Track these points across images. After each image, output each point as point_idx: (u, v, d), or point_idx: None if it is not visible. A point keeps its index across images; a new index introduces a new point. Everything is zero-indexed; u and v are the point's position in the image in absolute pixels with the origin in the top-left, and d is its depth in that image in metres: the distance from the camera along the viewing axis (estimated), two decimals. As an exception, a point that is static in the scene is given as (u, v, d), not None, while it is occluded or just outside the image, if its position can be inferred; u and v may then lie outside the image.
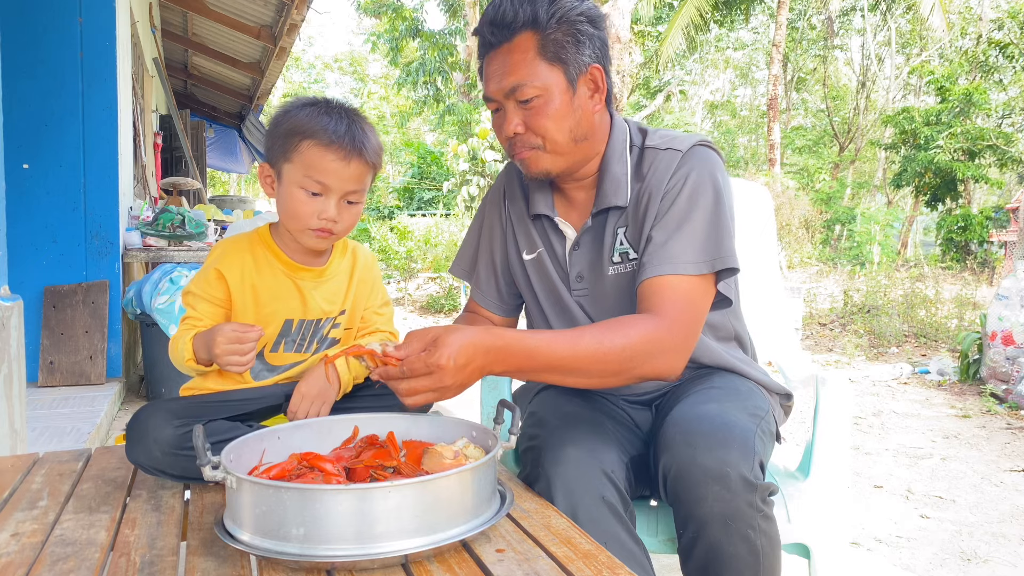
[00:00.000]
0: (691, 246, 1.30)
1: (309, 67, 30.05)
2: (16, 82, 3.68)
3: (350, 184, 1.31)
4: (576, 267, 1.44)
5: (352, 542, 0.89)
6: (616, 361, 1.22)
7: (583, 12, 1.32)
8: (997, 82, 16.44)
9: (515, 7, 1.29)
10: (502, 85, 1.32)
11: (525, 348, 1.17)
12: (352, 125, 1.31)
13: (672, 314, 1.27)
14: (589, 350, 1.20)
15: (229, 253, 1.39)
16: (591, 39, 1.32)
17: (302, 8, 6.13)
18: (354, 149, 1.30)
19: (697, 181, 1.34)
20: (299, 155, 1.29)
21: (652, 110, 21.09)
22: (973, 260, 14.51)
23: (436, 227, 12.91)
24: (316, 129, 1.28)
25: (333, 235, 1.35)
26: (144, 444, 1.21)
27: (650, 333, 1.24)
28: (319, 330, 1.43)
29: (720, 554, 1.17)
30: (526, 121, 1.33)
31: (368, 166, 1.33)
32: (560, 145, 1.34)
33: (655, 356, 1.24)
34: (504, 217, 1.55)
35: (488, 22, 1.32)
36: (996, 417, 4.39)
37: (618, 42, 11.81)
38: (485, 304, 1.58)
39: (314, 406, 1.34)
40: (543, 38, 1.29)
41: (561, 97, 1.31)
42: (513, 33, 1.30)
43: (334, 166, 1.29)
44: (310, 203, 1.30)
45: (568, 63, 1.31)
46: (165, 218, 4.46)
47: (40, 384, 3.85)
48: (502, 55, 1.32)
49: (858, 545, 2.55)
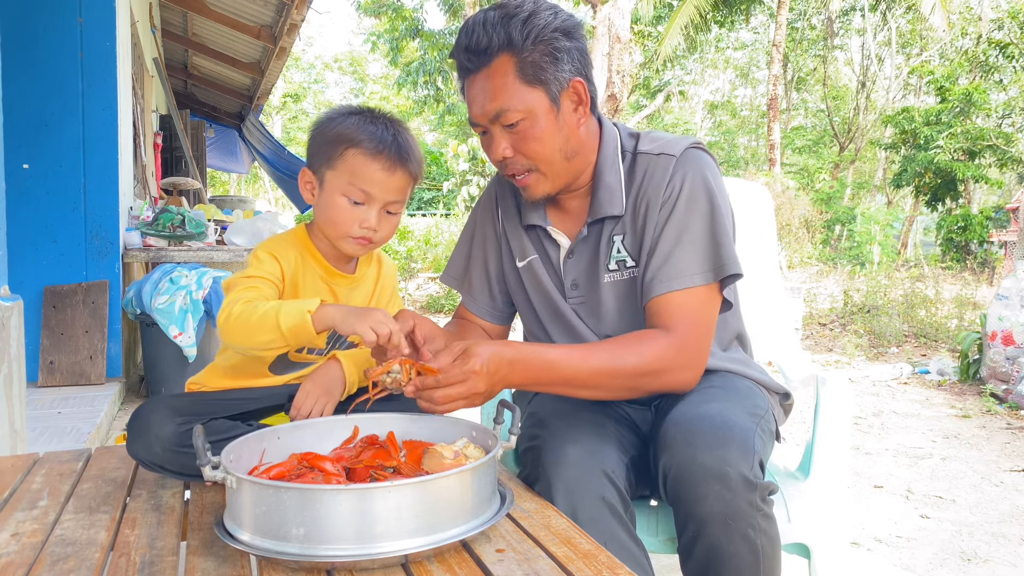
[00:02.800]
0: (694, 257, 1.32)
1: (309, 67, 30.03)
2: (16, 82, 3.68)
3: (393, 194, 1.32)
4: (571, 275, 1.45)
5: (352, 542, 0.89)
6: (630, 377, 1.27)
7: (558, 27, 1.30)
8: (997, 82, 16.43)
9: (488, 32, 1.27)
10: (485, 111, 1.31)
11: (544, 361, 1.23)
12: (398, 135, 1.31)
13: (683, 330, 1.31)
14: (603, 366, 1.26)
15: (285, 245, 1.38)
16: (568, 53, 1.31)
17: (302, 8, 6.13)
18: (399, 159, 1.30)
19: (693, 187, 1.35)
20: (344, 163, 1.29)
21: (652, 110, 21.09)
22: (973, 260, 14.50)
23: (436, 227, 12.92)
24: (362, 138, 1.29)
25: (372, 244, 1.35)
26: (145, 440, 1.22)
27: (662, 351, 1.29)
28: (343, 336, 1.43)
29: (720, 553, 1.17)
30: (514, 145, 1.33)
31: (411, 176, 1.33)
32: (553, 165, 1.35)
33: (668, 373, 1.30)
34: (497, 225, 1.55)
35: (463, 48, 1.31)
36: (996, 417, 4.39)
37: (618, 42, 11.80)
38: (478, 312, 1.58)
39: (319, 403, 1.33)
40: (520, 61, 1.28)
41: (546, 117, 1.31)
42: (489, 58, 1.29)
43: (379, 176, 1.29)
44: (352, 211, 1.31)
45: (548, 82, 1.30)
46: (165, 218, 4.46)
47: (40, 384, 3.85)
48: (481, 80, 1.31)
49: (858, 545, 2.55)
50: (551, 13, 1.30)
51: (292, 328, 1.18)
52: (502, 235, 1.54)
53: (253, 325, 1.20)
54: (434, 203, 18.80)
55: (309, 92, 29.33)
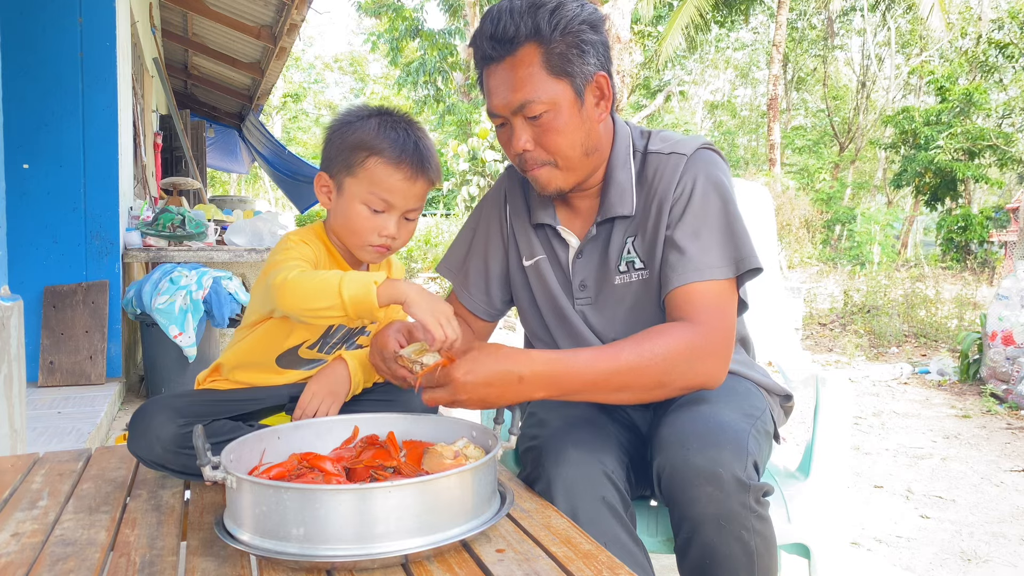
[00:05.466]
0: (712, 251, 1.29)
1: (309, 67, 30.02)
2: (16, 82, 3.68)
3: (413, 202, 1.31)
4: (579, 275, 1.42)
5: (352, 542, 0.89)
6: (657, 371, 1.21)
7: (585, 19, 1.28)
8: (997, 82, 16.44)
9: (516, 21, 1.25)
10: (509, 101, 1.28)
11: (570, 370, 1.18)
12: (419, 141, 1.30)
13: (706, 319, 1.26)
14: (630, 363, 1.19)
15: (308, 236, 1.35)
16: (594, 46, 1.29)
17: (302, 8, 6.13)
18: (421, 168, 1.29)
19: (705, 185, 1.33)
20: (365, 171, 1.28)
21: (652, 110, 21.08)
22: (973, 260, 14.50)
23: (436, 227, 12.93)
24: (384, 146, 1.27)
25: (390, 251, 1.34)
26: (146, 440, 1.22)
27: (688, 339, 1.23)
28: (352, 336, 1.43)
29: (715, 555, 1.17)
30: (536, 138, 1.30)
31: (430, 183, 1.32)
32: (572, 160, 1.32)
33: (695, 362, 1.23)
34: (504, 222, 1.53)
35: (488, 36, 1.28)
36: (996, 417, 4.39)
37: (618, 42, 11.80)
38: (471, 306, 1.55)
39: (324, 404, 1.33)
40: (547, 52, 1.25)
41: (570, 110, 1.28)
42: (515, 47, 1.26)
43: (401, 185, 1.28)
44: (372, 219, 1.29)
45: (574, 75, 1.27)
46: (165, 218, 4.46)
47: (40, 384, 3.85)
48: (505, 70, 1.28)
49: (858, 545, 2.55)
50: (578, 5, 1.28)
51: (354, 297, 1.12)
52: (509, 233, 1.51)
53: (313, 289, 1.15)
54: (434, 203, 18.80)
55: (309, 92, 29.32)
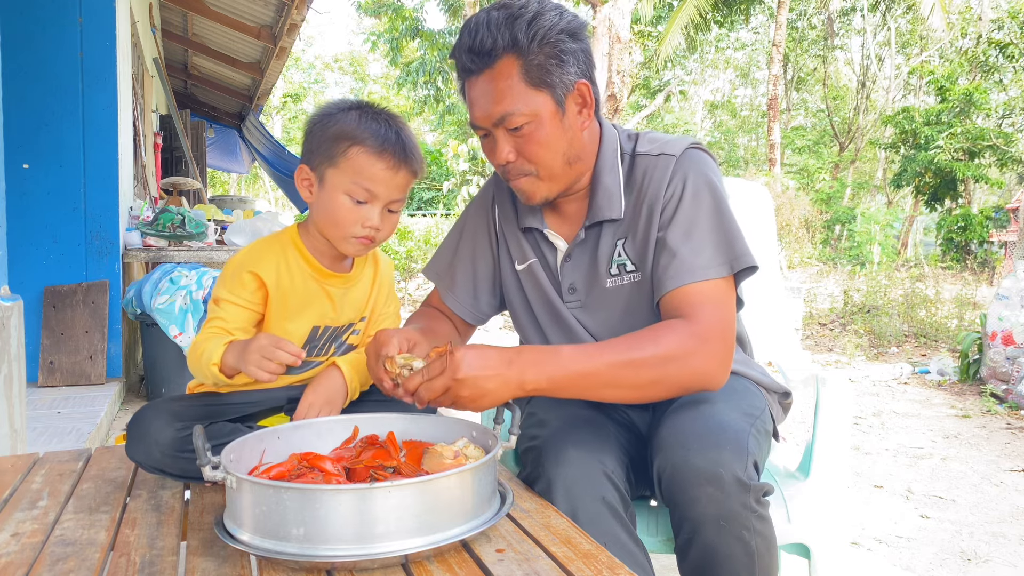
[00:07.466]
0: (705, 251, 1.28)
1: (309, 67, 30.04)
2: (16, 82, 3.68)
3: (396, 192, 1.30)
4: (568, 279, 1.42)
5: (352, 542, 0.89)
6: (651, 367, 1.20)
7: (563, 28, 1.27)
8: (997, 82, 16.44)
9: (493, 33, 1.24)
10: (489, 114, 1.28)
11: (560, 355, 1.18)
12: (400, 132, 1.29)
13: (701, 316, 1.24)
14: (622, 358, 1.19)
15: (264, 255, 1.34)
16: (574, 55, 1.28)
17: (302, 8, 6.13)
18: (404, 158, 1.28)
19: (696, 186, 1.32)
20: (347, 161, 1.27)
21: (652, 110, 21.08)
22: (973, 260, 14.51)
23: (436, 227, 12.93)
24: (366, 136, 1.26)
25: (374, 243, 1.33)
26: (145, 444, 1.21)
27: (683, 337, 1.22)
28: (339, 336, 1.42)
29: (715, 555, 1.17)
30: (517, 148, 1.30)
31: (413, 174, 1.31)
32: (554, 171, 1.32)
33: (691, 359, 1.22)
34: (493, 227, 1.52)
35: (467, 49, 1.27)
36: (996, 417, 4.39)
37: (618, 42, 11.80)
38: (456, 309, 1.54)
39: (322, 414, 1.32)
40: (526, 63, 1.25)
41: (551, 121, 1.28)
42: (494, 60, 1.25)
43: (383, 174, 1.27)
44: (355, 210, 1.28)
45: (554, 85, 1.27)
46: (165, 218, 4.46)
47: (40, 384, 3.85)
48: (484, 82, 1.27)
49: (858, 545, 2.55)
50: (556, 14, 1.27)
51: (217, 378, 1.27)
52: (499, 237, 1.51)
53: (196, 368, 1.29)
54: (434, 203, 18.81)
55: (309, 92, 29.32)
